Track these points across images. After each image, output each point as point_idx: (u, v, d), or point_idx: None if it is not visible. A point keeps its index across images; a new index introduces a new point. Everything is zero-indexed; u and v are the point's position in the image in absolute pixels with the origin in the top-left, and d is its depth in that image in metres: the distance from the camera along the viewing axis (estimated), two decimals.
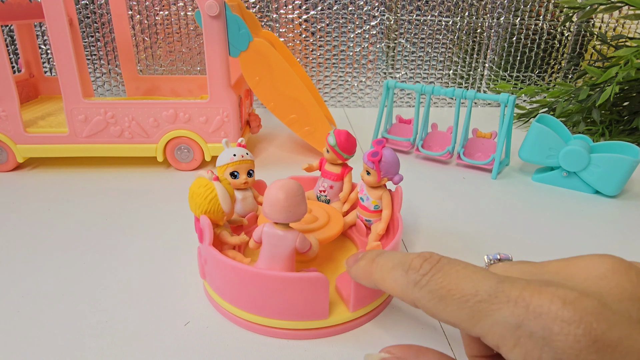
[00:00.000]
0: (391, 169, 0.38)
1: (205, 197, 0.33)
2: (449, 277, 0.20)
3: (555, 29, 0.97)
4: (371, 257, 0.25)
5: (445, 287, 0.20)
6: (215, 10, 0.54)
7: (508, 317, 0.17)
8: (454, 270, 0.20)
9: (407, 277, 0.21)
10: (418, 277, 0.21)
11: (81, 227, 0.46)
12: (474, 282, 0.19)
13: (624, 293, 0.18)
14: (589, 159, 0.55)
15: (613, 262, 0.19)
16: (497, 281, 0.19)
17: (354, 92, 0.99)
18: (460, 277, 0.20)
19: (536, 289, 0.18)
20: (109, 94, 0.95)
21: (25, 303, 0.35)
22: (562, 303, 0.17)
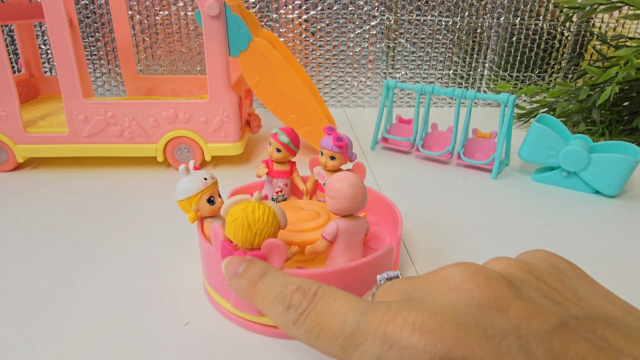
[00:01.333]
0: (350, 149, 0.42)
1: (266, 221, 0.29)
2: (321, 315, 0.20)
3: (555, 29, 0.97)
4: (253, 278, 0.24)
5: (319, 325, 0.20)
6: (215, 10, 0.54)
7: (370, 350, 0.18)
8: (326, 304, 0.21)
9: (287, 315, 0.22)
10: (296, 317, 0.21)
11: (81, 227, 0.46)
12: (341, 317, 0.20)
13: (472, 301, 0.18)
14: (589, 159, 0.55)
15: (462, 271, 0.19)
16: (361, 312, 0.19)
17: (354, 92, 0.99)
18: (330, 313, 0.20)
19: (392, 316, 0.18)
20: (109, 94, 0.95)
21: (25, 303, 0.35)
22: (411, 329, 0.17)
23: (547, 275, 0.20)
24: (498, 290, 0.18)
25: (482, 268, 0.19)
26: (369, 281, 0.32)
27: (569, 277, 0.21)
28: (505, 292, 0.18)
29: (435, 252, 0.43)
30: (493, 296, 0.18)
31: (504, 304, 0.18)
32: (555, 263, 0.21)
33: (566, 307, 0.18)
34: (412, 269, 0.40)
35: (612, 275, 0.40)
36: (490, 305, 0.18)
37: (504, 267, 0.21)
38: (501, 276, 0.19)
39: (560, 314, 0.17)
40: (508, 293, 0.18)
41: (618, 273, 0.40)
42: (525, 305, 0.17)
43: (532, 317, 0.17)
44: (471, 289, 0.18)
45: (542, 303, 0.18)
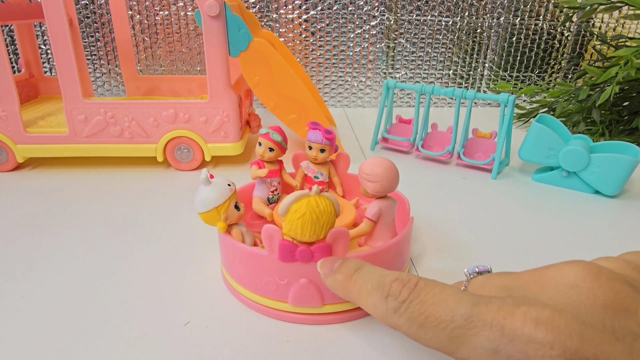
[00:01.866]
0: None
1: (330, 212, 0.29)
2: (426, 304, 0.20)
3: (555, 29, 0.97)
4: (348, 272, 0.25)
5: (423, 314, 0.20)
6: (215, 10, 0.54)
7: (485, 343, 0.18)
8: (430, 294, 0.20)
9: (387, 303, 0.22)
10: (397, 305, 0.21)
11: (81, 227, 0.46)
12: (450, 307, 0.19)
13: (597, 301, 0.17)
14: (589, 159, 0.55)
15: (582, 269, 0.19)
16: (471, 304, 0.19)
17: (354, 92, 0.99)
18: (436, 303, 0.20)
19: (509, 310, 0.18)
20: (109, 94, 0.95)
21: (25, 303, 0.35)
22: (534, 324, 0.17)
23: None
24: (622, 291, 0.17)
25: (603, 268, 0.19)
26: (404, 257, 0.36)
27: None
28: (630, 293, 0.17)
29: (435, 252, 0.43)
30: (618, 297, 0.17)
31: (631, 306, 0.17)
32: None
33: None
34: (413, 268, 0.40)
35: None
36: (616, 306, 0.17)
37: (617, 268, 0.20)
38: (622, 277, 0.18)
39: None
40: (633, 294, 0.17)
41: None
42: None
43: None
44: (594, 288, 0.18)
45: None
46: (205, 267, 0.39)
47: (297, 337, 0.32)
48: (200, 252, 0.42)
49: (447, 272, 0.39)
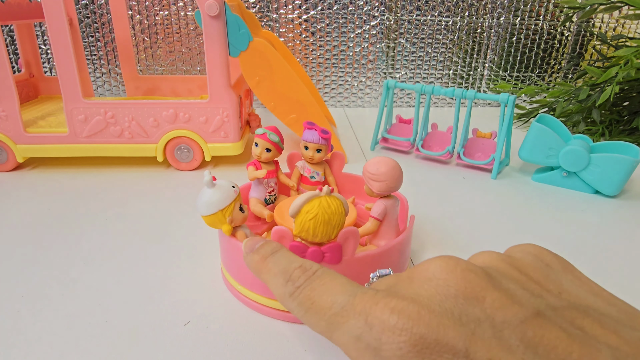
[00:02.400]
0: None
1: (341, 212, 0.29)
2: (315, 291, 0.22)
3: (555, 29, 0.97)
4: (265, 254, 0.26)
5: (310, 300, 0.21)
6: (215, 10, 0.54)
7: (352, 330, 0.19)
8: (321, 283, 0.22)
9: (285, 287, 0.23)
10: (292, 289, 0.22)
11: (81, 227, 0.46)
12: (332, 296, 0.21)
13: (449, 291, 0.19)
14: (589, 159, 0.55)
15: (441, 263, 0.20)
16: (350, 294, 0.20)
17: (354, 92, 0.99)
18: (323, 291, 0.21)
19: (376, 300, 0.19)
20: (109, 94, 0.95)
21: (25, 303, 0.35)
22: (389, 312, 0.18)
23: (531, 269, 0.21)
24: (474, 281, 0.19)
25: (461, 261, 0.20)
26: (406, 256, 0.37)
27: (554, 270, 0.21)
28: (481, 283, 0.19)
29: (435, 252, 0.43)
30: (469, 286, 0.18)
31: (480, 294, 0.18)
32: (542, 256, 0.22)
33: (545, 298, 0.19)
34: None
35: (612, 275, 0.40)
36: (467, 294, 0.18)
37: (486, 261, 0.22)
38: (480, 268, 0.20)
39: (537, 304, 0.18)
40: (485, 284, 0.18)
41: (618, 273, 0.40)
42: (500, 296, 0.18)
43: (507, 306, 0.18)
44: (448, 279, 0.19)
45: (519, 294, 0.18)
46: (206, 267, 0.39)
47: (297, 337, 0.32)
48: (200, 252, 0.42)
49: None
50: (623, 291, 0.38)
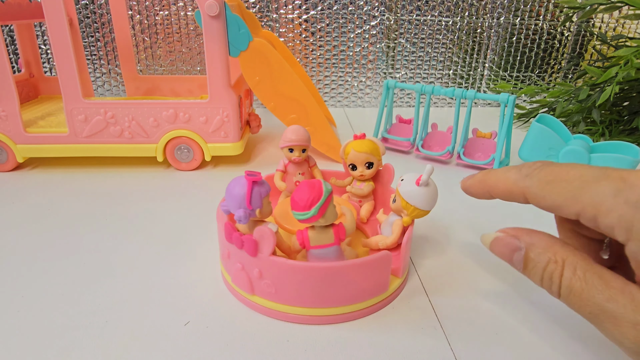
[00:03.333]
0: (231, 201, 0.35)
1: None
2: (557, 168, 0.25)
3: (555, 29, 0.97)
4: (486, 171, 0.30)
5: (552, 174, 0.24)
6: (215, 10, 0.54)
7: (607, 189, 0.21)
8: (563, 164, 0.25)
9: (520, 172, 0.26)
10: (530, 171, 0.26)
11: (81, 227, 0.46)
12: (580, 169, 0.23)
13: None
14: (589, 159, 0.55)
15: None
16: (600, 168, 0.23)
17: (354, 92, 0.99)
18: (568, 168, 0.24)
19: (633, 171, 0.22)
20: (109, 94, 0.95)
21: (25, 303, 0.35)
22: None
23: None
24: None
25: None
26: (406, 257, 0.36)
27: None
28: None
29: (435, 252, 0.43)
30: None
31: None
32: None
33: None
34: (412, 268, 0.40)
35: None
36: None
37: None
38: None
39: None
40: None
41: None
42: None
43: None
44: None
45: None
46: (205, 267, 0.39)
47: (297, 337, 0.32)
48: (200, 252, 0.42)
49: (447, 272, 0.39)
50: None
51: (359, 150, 0.42)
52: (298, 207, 0.31)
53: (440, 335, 0.32)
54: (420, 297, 0.36)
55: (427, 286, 0.37)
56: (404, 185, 0.36)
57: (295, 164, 0.45)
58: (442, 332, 0.32)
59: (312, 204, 0.30)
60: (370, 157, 0.43)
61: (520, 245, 0.27)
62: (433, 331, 0.32)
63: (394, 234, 0.37)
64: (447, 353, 0.30)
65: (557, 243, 0.26)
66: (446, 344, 0.31)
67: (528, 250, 0.27)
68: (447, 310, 0.34)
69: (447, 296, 0.36)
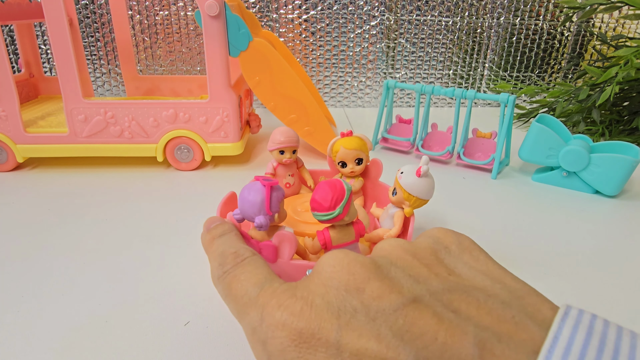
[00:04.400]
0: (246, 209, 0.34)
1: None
2: (235, 278, 0.22)
3: (555, 29, 0.97)
4: (214, 235, 0.27)
5: (230, 287, 0.22)
6: (215, 10, 0.54)
7: (251, 321, 0.20)
8: (244, 271, 0.22)
9: (217, 270, 0.24)
10: (220, 273, 0.23)
11: (81, 227, 0.46)
12: (246, 286, 0.21)
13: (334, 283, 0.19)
14: (589, 159, 0.55)
15: (331, 256, 0.20)
16: (260, 287, 0.21)
17: (354, 92, 0.99)
18: (241, 280, 0.22)
19: (274, 295, 0.20)
20: (109, 94, 0.95)
21: (25, 303, 0.35)
22: (277, 309, 0.19)
23: (427, 252, 0.21)
24: (358, 272, 0.19)
25: (351, 254, 0.20)
26: None
27: (452, 252, 0.21)
28: (364, 274, 0.19)
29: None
30: (352, 278, 0.19)
31: (361, 285, 0.18)
32: (443, 239, 0.22)
33: (428, 283, 0.19)
34: None
35: (611, 275, 0.40)
36: (348, 286, 0.19)
37: (387, 249, 0.22)
38: (369, 259, 0.20)
39: (417, 290, 0.18)
40: (368, 274, 0.19)
41: (617, 273, 0.40)
42: (380, 285, 0.18)
43: (385, 295, 0.18)
44: (334, 272, 0.19)
45: (401, 282, 0.19)
46: (205, 267, 0.39)
47: None
48: (200, 252, 0.42)
49: None
50: (623, 291, 0.38)
51: (349, 147, 0.42)
52: (322, 208, 0.30)
53: None
54: None
55: None
56: (405, 177, 0.36)
57: (286, 165, 0.44)
58: None
59: (337, 203, 0.30)
60: (360, 153, 0.42)
61: None
62: None
63: (396, 225, 0.38)
64: None
65: None
66: None
67: None
68: None
69: None
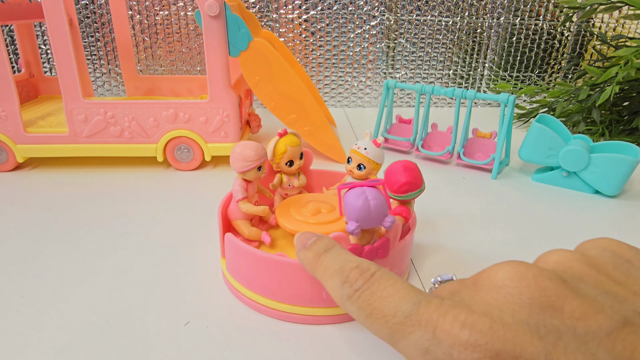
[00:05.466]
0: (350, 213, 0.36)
1: None
2: (374, 295, 0.21)
3: (555, 29, 0.97)
4: (318, 251, 0.26)
5: (371, 306, 0.21)
6: (215, 10, 0.54)
7: (418, 342, 0.18)
8: (381, 287, 0.21)
9: (343, 289, 0.22)
10: (351, 292, 0.22)
11: (81, 227, 0.46)
12: (394, 303, 0.20)
13: (522, 300, 0.17)
14: (589, 159, 0.55)
15: (510, 269, 0.18)
16: (413, 303, 0.19)
17: (354, 92, 0.99)
18: (384, 296, 0.21)
19: (443, 311, 0.18)
20: (109, 94, 0.95)
21: (25, 303, 0.35)
22: (460, 327, 0.17)
23: (610, 267, 0.19)
24: (549, 288, 0.17)
25: (532, 266, 0.18)
26: (406, 258, 0.36)
27: (636, 266, 0.19)
28: (557, 290, 0.17)
29: (435, 252, 0.43)
30: (544, 294, 0.17)
31: (557, 303, 0.17)
32: (620, 252, 0.20)
33: (631, 302, 0.17)
34: (413, 268, 0.40)
35: None
36: (542, 304, 0.17)
37: (559, 262, 0.20)
38: (553, 273, 0.18)
39: (624, 311, 0.16)
40: (561, 291, 0.17)
41: None
42: (581, 304, 0.17)
43: (590, 316, 0.16)
44: (520, 287, 0.18)
45: (601, 300, 0.17)
46: (206, 267, 0.39)
47: (297, 337, 0.32)
48: (200, 252, 0.42)
49: (448, 272, 0.39)
50: None
51: (294, 144, 0.41)
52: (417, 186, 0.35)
53: None
54: None
55: (427, 286, 0.37)
56: (370, 151, 0.39)
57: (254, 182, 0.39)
58: None
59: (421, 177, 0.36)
60: (301, 148, 0.42)
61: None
62: None
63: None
64: None
65: None
66: None
67: None
68: None
69: None
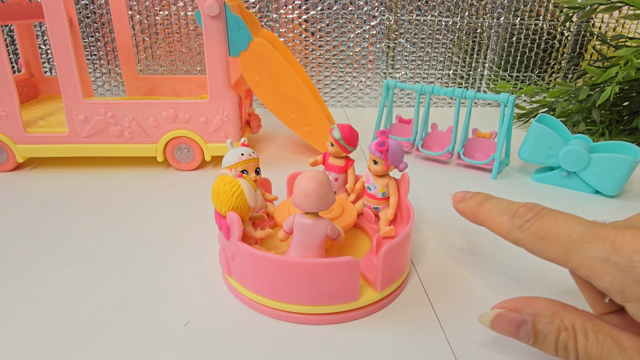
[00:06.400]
0: (397, 157, 0.40)
1: (232, 194, 0.33)
2: (548, 223, 0.25)
3: (555, 29, 0.97)
4: (479, 200, 0.30)
5: (544, 230, 0.25)
6: (215, 10, 0.54)
7: (596, 252, 0.22)
8: (553, 217, 0.25)
9: (512, 222, 0.26)
10: (522, 223, 0.26)
11: (81, 227, 0.46)
12: (569, 226, 0.24)
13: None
14: (589, 159, 0.55)
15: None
16: (590, 226, 0.23)
17: (354, 92, 0.99)
18: (558, 223, 0.24)
19: (620, 230, 0.22)
20: (109, 94, 0.95)
21: (25, 303, 0.35)
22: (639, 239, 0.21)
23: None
24: None
25: None
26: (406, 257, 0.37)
27: None
28: None
29: (435, 252, 0.43)
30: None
31: None
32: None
33: None
34: (413, 268, 0.40)
35: None
36: None
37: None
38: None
39: None
40: None
41: None
42: None
43: None
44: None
45: None
46: (206, 267, 0.39)
47: (297, 337, 0.32)
48: (200, 252, 0.42)
49: (447, 272, 0.39)
50: None
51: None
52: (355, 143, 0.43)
53: (440, 335, 0.32)
54: (420, 297, 0.36)
55: (427, 286, 0.37)
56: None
57: None
58: (442, 332, 0.32)
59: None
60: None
61: (525, 319, 0.26)
62: (433, 331, 0.32)
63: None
64: (447, 353, 0.30)
65: (560, 307, 0.25)
66: (446, 344, 0.31)
67: (535, 322, 0.25)
68: (447, 310, 0.34)
69: (447, 296, 0.36)
